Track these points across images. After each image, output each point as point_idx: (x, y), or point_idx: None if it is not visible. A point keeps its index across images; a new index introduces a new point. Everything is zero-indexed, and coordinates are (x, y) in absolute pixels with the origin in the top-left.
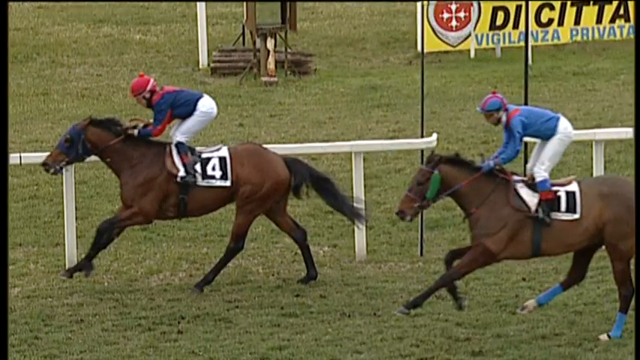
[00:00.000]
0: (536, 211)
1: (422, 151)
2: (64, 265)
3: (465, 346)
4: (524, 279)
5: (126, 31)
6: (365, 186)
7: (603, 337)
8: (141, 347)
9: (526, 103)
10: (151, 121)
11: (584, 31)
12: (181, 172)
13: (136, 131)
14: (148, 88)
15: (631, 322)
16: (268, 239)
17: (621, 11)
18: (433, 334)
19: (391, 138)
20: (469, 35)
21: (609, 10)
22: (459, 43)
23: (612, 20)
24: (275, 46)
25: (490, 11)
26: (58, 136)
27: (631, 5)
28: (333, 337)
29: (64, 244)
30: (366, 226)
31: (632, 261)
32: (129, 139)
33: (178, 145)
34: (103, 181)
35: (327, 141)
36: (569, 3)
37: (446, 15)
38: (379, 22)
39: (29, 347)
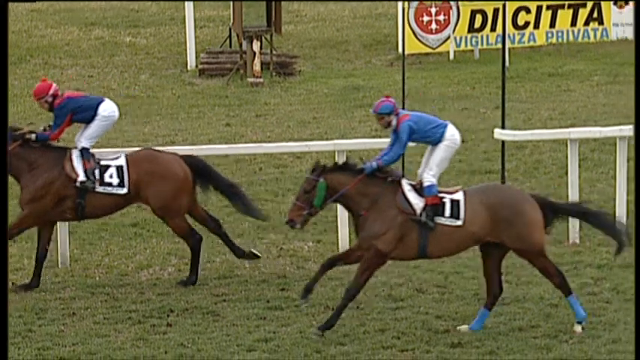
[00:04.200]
0: (421, 214)
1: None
2: (57, 260)
3: (445, 338)
4: (501, 273)
5: (116, 33)
6: None
7: (577, 328)
8: (131, 339)
9: (503, 104)
10: (51, 124)
11: (560, 34)
12: (81, 177)
13: (33, 135)
14: (50, 92)
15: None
16: (254, 235)
17: (595, 14)
18: (414, 326)
19: (373, 137)
20: (448, 37)
21: (583, 13)
22: (439, 45)
23: (586, 23)
24: (261, 48)
25: (469, 14)
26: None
27: (605, 7)
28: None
29: (57, 240)
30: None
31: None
32: (27, 143)
33: (83, 150)
34: None
35: (311, 140)
36: (544, 6)
37: (426, 18)
38: (362, 24)
39: (23, 340)
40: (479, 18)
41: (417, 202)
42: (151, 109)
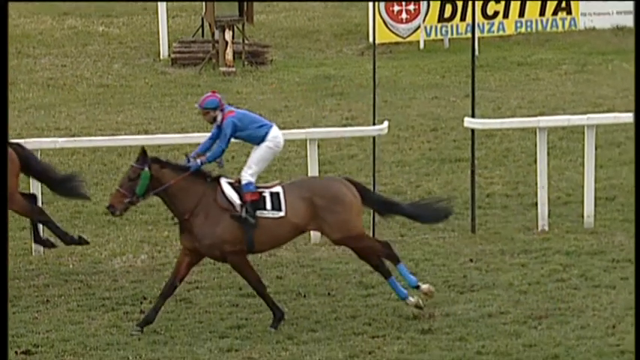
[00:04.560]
0: (241, 211)
1: (374, 138)
2: (31, 248)
3: (415, 324)
4: (471, 260)
5: (90, 23)
6: (319, 171)
7: (410, 300)
8: (105, 326)
9: (473, 93)
10: None
11: (528, 23)
12: None
13: None
14: None
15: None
16: None
17: (563, 4)
18: (385, 312)
19: (344, 125)
20: (418, 27)
21: (552, 3)
22: (409, 35)
23: (555, 13)
24: (233, 37)
25: (438, 4)
26: (25, 124)
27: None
28: (289, 316)
29: (30, 228)
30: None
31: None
32: None
33: None
34: (68, 167)
35: (283, 128)
36: None
37: (396, 8)
38: (332, 14)
39: None
40: (449, 8)
41: (237, 199)
42: (124, 98)
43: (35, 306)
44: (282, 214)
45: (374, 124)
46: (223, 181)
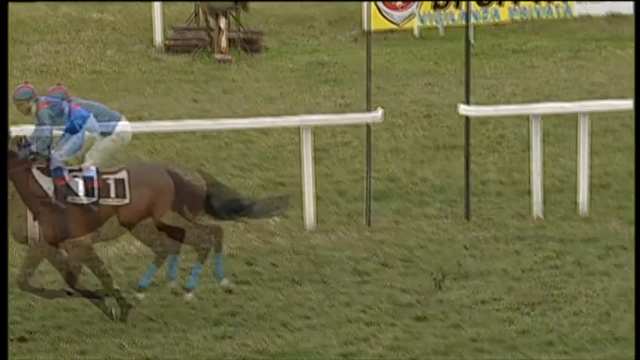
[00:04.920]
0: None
1: (368, 124)
2: (26, 235)
3: (410, 311)
4: (465, 247)
5: (83, 9)
6: (314, 158)
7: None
8: (100, 314)
9: (467, 80)
10: None
11: (523, 11)
12: None
13: None
14: None
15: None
16: None
17: None
18: (379, 300)
19: (338, 112)
20: (413, 14)
21: None
22: (404, 22)
23: (549, 0)
24: (227, 24)
25: None
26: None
27: None
28: (284, 304)
29: (26, 216)
30: (316, 197)
31: None
32: None
33: None
34: None
35: (277, 115)
36: None
37: None
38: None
39: None
40: None
41: (49, 185)
42: (118, 85)
43: (30, 293)
44: (126, 200)
45: (368, 110)
46: (34, 169)
